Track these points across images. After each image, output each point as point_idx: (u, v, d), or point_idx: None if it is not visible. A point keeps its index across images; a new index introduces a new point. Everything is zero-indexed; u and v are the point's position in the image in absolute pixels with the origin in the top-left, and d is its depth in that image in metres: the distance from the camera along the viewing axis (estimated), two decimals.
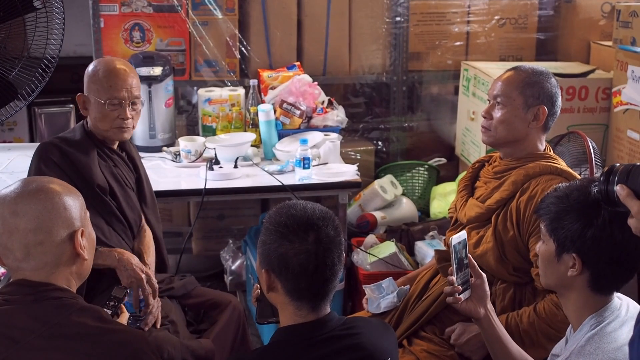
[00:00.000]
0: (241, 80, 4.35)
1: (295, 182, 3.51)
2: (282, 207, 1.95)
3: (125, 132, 2.85)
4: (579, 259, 1.91)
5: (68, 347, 1.78)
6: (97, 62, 2.88)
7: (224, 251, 4.28)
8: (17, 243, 1.83)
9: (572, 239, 1.91)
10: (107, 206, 2.81)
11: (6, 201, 1.85)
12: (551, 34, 4.75)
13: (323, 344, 1.89)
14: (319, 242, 1.87)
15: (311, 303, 1.91)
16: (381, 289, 2.80)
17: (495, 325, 2.16)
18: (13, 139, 4.64)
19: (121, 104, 2.80)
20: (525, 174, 2.57)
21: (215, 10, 4.25)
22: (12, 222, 1.82)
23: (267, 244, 1.90)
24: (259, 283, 2.12)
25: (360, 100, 4.79)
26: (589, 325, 1.93)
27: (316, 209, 1.93)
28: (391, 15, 4.54)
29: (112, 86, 2.79)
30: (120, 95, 2.80)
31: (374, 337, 1.97)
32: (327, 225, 1.90)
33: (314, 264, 1.87)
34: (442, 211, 4.22)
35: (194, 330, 2.89)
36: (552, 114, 2.63)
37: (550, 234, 1.96)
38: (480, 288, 2.17)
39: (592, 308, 1.94)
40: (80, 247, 1.90)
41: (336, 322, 1.95)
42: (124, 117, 2.81)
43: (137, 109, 2.87)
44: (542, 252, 2.01)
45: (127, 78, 2.82)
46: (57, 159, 2.75)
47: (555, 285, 2.01)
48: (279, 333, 1.95)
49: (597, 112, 3.94)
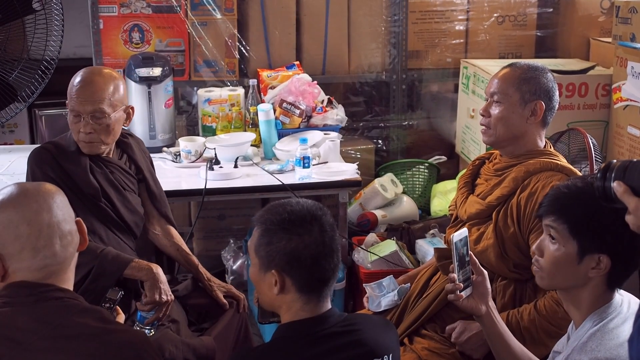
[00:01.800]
0: (240, 80, 4.35)
1: (296, 181, 3.51)
2: (275, 207, 1.96)
3: (91, 147, 2.75)
4: (608, 259, 1.88)
5: (71, 348, 1.78)
6: (79, 71, 2.79)
7: (225, 251, 4.28)
8: (49, 239, 1.83)
9: (603, 239, 1.88)
10: (102, 211, 2.80)
11: (21, 203, 1.84)
12: (550, 31, 4.75)
13: (324, 340, 1.90)
14: (324, 231, 1.92)
15: (321, 293, 1.94)
16: (382, 288, 2.80)
17: (497, 322, 2.15)
18: (14, 141, 4.65)
19: (81, 117, 2.72)
20: (526, 171, 2.57)
21: (214, 11, 4.25)
22: (40, 220, 1.83)
23: (272, 244, 1.91)
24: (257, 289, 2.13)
25: (360, 99, 4.79)
26: (591, 322, 1.92)
27: (309, 202, 1.98)
28: (390, 13, 4.54)
29: (74, 98, 2.72)
30: (78, 108, 2.71)
31: (374, 334, 1.97)
32: (325, 214, 1.96)
33: (324, 252, 1.91)
34: (442, 209, 4.22)
35: (196, 329, 2.89)
36: (550, 108, 2.63)
37: (574, 236, 1.91)
38: (481, 285, 2.16)
39: (600, 305, 1.92)
40: (85, 233, 1.94)
41: (337, 318, 1.95)
42: (83, 130, 2.72)
43: (101, 123, 2.72)
44: (557, 255, 1.95)
45: (93, 89, 2.72)
46: (49, 164, 2.74)
47: (566, 286, 1.97)
48: (281, 330, 1.96)
49: (597, 109, 3.94)
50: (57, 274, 1.86)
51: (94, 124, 2.71)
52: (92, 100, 2.70)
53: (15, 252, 1.83)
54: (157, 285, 2.62)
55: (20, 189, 1.87)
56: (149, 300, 2.60)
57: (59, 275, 1.86)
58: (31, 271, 1.84)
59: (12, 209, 1.83)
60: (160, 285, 2.62)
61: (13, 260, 1.83)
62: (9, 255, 1.83)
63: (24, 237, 1.82)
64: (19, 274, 1.84)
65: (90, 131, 2.71)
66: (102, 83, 2.73)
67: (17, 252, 1.83)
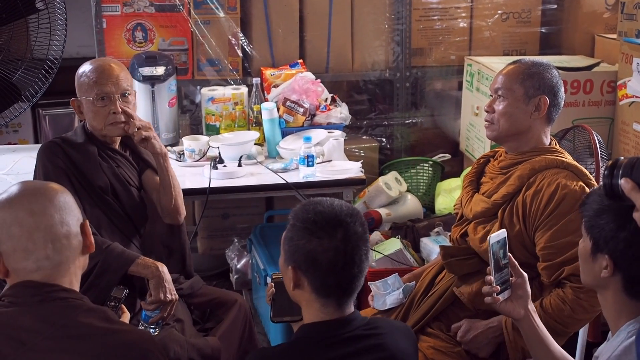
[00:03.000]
0: (244, 79, 4.34)
1: (300, 179, 3.50)
2: (309, 204, 1.94)
3: (122, 127, 2.80)
4: (610, 261, 1.85)
5: (75, 348, 1.77)
6: (85, 63, 2.85)
7: (229, 250, 4.27)
8: (41, 241, 1.82)
9: (605, 239, 1.85)
10: (110, 206, 2.81)
11: (16, 203, 1.83)
12: (555, 28, 4.74)
13: (346, 343, 1.89)
14: (347, 239, 1.88)
15: (338, 300, 1.91)
16: (387, 286, 2.80)
17: (537, 326, 2.10)
18: (18, 141, 4.64)
19: (110, 98, 2.76)
20: (531, 168, 2.56)
21: (217, 9, 4.24)
22: (32, 222, 1.81)
23: (294, 240, 1.90)
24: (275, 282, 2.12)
25: (364, 97, 4.78)
26: (626, 332, 1.84)
27: (343, 205, 1.93)
28: (394, 11, 4.53)
29: (97, 81, 2.76)
30: (106, 90, 2.76)
31: (396, 339, 1.97)
32: (354, 222, 1.90)
33: (343, 261, 1.87)
34: (447, 207, 4.21)
35: (200, 328, 2.89)
36: (555, 104, 2.62)
37: (588, 232, 1.91)
38: (521, 288, 2.11)
39: (630, 314, 1.86)
40: (91, 237, 1.91)
41: (360, 321, 1.95)
42: (115, 110, 2.76)
43: (129, 101, 2.82)
44: (581, 248, 1.95)
45: (113, 72, 2.78)
46: (60, 158, 2.76)
47: (592, 284, 1.94)
48: (303, 329, 1.95)
49: (603, 106, 3.92)
50: (54, 276, 1.84)
51: (121, 102, 2.78)
52: (119, 80, 2.78)
53: (10, 251, 1.82)
54: (162, 284, 2.61)
55: (20, 190, 1.86)
56: (153, 299, 2.59)
57: (57, 278, 1.85)
58: (27, 272, 1.83)
59: (7, 209, 1.82)
60: (165, 284, 2.61)
61: (10, 259, 1.83)
62: (6, 254, 1.83)
63: (16, 239, 1.81)
64: (21, 274, 1.84)
65: (120, 110, 2.77)
66: (118, 67, 2.83)
67: (11, 252, 1.82)
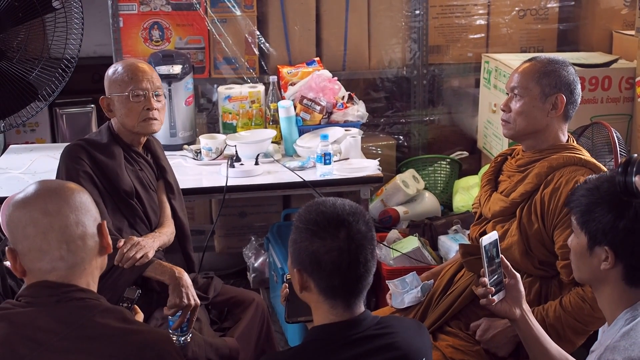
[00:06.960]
0: (261, 77, 4.35)
1: (317, 178, 3.50)
2: (312, 205, 1.92)
3: (154, 124, 2.86)
4: (611, 252, 1.87)
5: (92, 349, 1.77)
6: (116, 63, 2.91)
7: (247, 248, 4.28)
8: (55, 242, 1.81)
9: (603, 231, 1.87)
10: (132, 209, 2.82)
11: (31, 203, 1.83)
12: (572, 24, 4.71)
13: (358, 343, 1.87)
14: (350, 239, 1.85)
15: (345, 301, 1.89)
16: (405, 284, 2.78)
17: (533, 326, 2.10)
18: (35, 140, 4.67)
19: (145, 95, 2.82)
20: (549, 166, 2.54)
21: (233, 8, 4.24)
22: (47, 222, 1.81)
23: (297, 242, 1.88)
24: (289, 282, 2.11)
25: (381, 94, 4.77)
26: (623, 319, 1.88)
27: (346, 204, 1.91)
28: (410, 8, 4.52)
29: (133, 78, 2.82)
30: (142, 86, 2.82)
31: (408, 337, 1.94)
32: (357, 221, 1.88)
33: (347, 261, 1.85)
34: (465, 205, 4.19)
35: (217, 328, 2.89)
36: (572, 102, 2.60)
37: (582, 227, 1.92)
38: (514, 288, 2.11)
39: (627, 302, 1.89)
40: (108, 238, 1.90)
41: (371, 321, 1.92)
42: (149, 107, 2.82)
43: (161, 101, 2.89)
44: (574, 246, 1.97)
45: (147, 71, 2.87)
46: (86, 160, 2.76)
47: (589, 279, 1.97)
48: (313, 332, 1.92)
49: (621, 102, 3.90)
50: (69, 277, 1.84)
51: (155, 100, 2.86)
52: (153, 79, 2.87)
53: (26, 251, 1.82)
54: (178, 289, 2.59)
55: (36, 189, 1.85)
56: (171, 304, 2.59)
57: (73, 279, 1.84)
58: (43, 272, 1.82)
59: (23, 208, 1.82)
60: (182, 289, 2.59)
61: (26, 259, 1.83)
62: (22, 254, 1.83)
63: (31, 239, 1.81)
64: (36, 274, 1.83)
65: (156, 107, 2.84)
66: (148, 67, 2.91)
67: (27, 251, 1.82)
